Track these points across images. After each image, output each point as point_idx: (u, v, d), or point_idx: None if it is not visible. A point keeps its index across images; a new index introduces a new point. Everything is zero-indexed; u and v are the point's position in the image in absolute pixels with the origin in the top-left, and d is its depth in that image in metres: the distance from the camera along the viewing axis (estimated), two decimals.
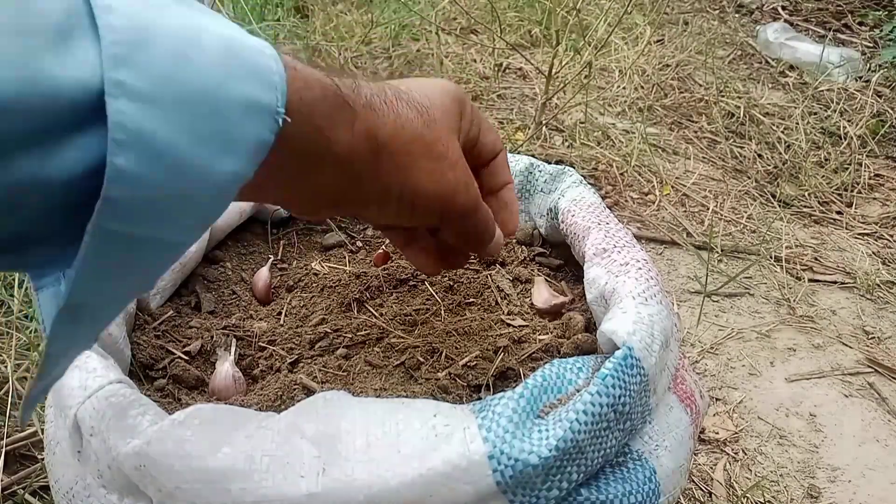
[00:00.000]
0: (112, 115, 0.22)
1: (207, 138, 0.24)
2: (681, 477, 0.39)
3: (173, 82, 0.23)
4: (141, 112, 0.22)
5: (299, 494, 0.30)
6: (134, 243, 0.24)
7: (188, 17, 0.25)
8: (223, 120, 0.25)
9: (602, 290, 0.41)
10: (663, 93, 1.51)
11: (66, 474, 0.36)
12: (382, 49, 1.46)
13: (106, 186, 0.22)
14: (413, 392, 0.39)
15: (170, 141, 0.23)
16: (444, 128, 0.36)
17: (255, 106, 0.26)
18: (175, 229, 0.26)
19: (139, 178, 0.22)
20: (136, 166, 0.22)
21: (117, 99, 0.22)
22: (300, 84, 0.29)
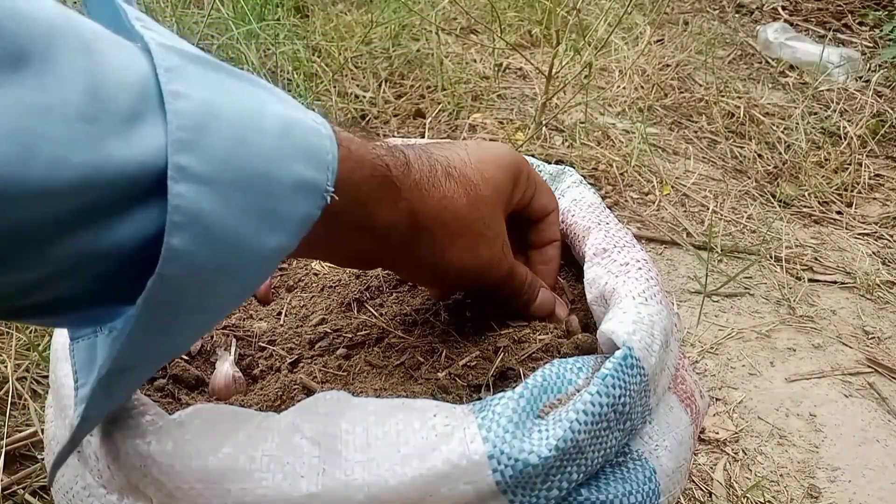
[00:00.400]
0: (172, 199, 0.22)
1: (258, 216, 0.25)
2: (681, 477, 0.39)
3: (232, 166, 0.24)
4: (199, 195, 0.23)
5: (299, 494, 0.30)
6: (180, 313, 0.25)
7: (251, 98, 0.26)
8: (275, 199, 0.25)
9: (602, 290, 0.41)
10: (663, 93, 1.51)
11: (66, 474, 0.36)
12: (382, 49, 1.46)
13: (161, 265, 0.23)
14: (413, 392, 0.39)
15: (223, 221, 0.24)
16: (489, 204, 0.38)
17: (305, 185, 0.26)
18: (220, 299, 0.27)
19: (193, 257, 0.23)
20: (191, 246, 0.23)
21: (178, 183, 0.23)
22: (352, 164, 0.30)
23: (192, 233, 0.23)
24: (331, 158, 0.28)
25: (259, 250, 0.25)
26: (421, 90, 1.38)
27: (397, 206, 0.33)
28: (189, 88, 0.24)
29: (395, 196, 0.33)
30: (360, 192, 0.31)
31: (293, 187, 0.26)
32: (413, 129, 1.28)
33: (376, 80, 1.38)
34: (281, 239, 0.26)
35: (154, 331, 0.25)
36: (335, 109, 1.23)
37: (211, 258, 0.24)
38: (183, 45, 0.25)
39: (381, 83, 1.37)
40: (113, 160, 0.22)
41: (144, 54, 0.24)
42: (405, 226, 0.34)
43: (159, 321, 0.24)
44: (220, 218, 0.24)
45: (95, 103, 0.22)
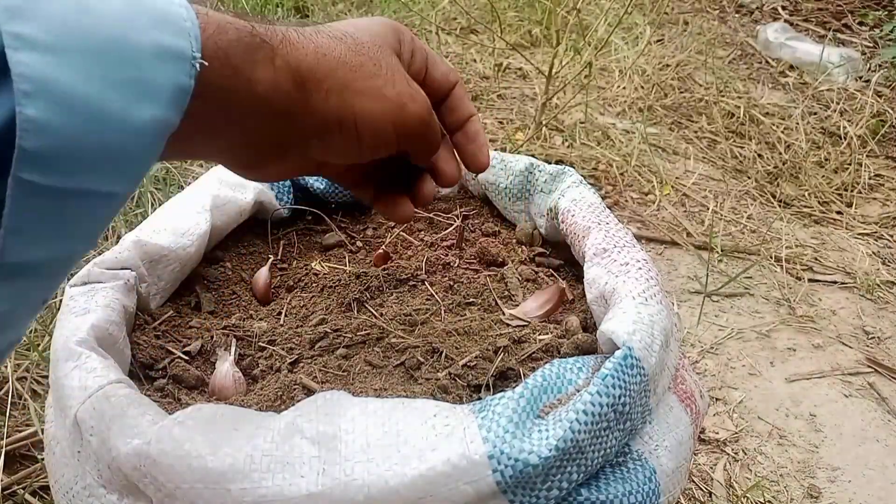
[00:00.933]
0: (14, 67, 0.22)
1: (120, 85, 0.24)
2: (681, 477, 0.39)
3: (75, 31, 0.23)
4: (44, 61, 0.22)
5: (299, 494, 0.30)
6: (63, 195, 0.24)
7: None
8: (135, 67, 0.24)
9: (602, 290, 0.41)
10: (663, 93, 1.51)
11: (66, 474, 0.36)
12: None
13: (19, 136, 0.22)
14: (413, 392, 0.39)
15: (79, 89, 0.23)
16: (372, 49, 0.35)
17: (168, 52, 0.26)
18: (104, 180, 0.25)
19: (53, 127, 0.22)
20: (48, 115, 0.22)
21: (18, 51, 0.22)
22: (213, 29, 0.29)
23: (44, 100, 0.22)
24: (190, 25, 0.27)
25: (131, 122, 0.24)
26: None
27: (274, 65, 0.31)
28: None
29: (269, 54, 0.31)
30: (231, 56, 0.29)
31: (154, 54, 0.25)
32: None
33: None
34: (153, 109, 0.25)
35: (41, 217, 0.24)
36: None
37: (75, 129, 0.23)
38: None
39: None
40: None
41: None
42: (289, 84, 0.32)
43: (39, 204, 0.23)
44: (75, 86, 0.23)
45: None
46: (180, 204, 0.51)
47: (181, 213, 0.50)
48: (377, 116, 0.34)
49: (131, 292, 0.44)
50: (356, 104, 0.34)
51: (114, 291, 0.42)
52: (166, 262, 0.47)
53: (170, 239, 0.47)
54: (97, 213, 0.26)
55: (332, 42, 0.34)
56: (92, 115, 0.23)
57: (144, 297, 0.46)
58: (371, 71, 0.34)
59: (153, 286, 0.46)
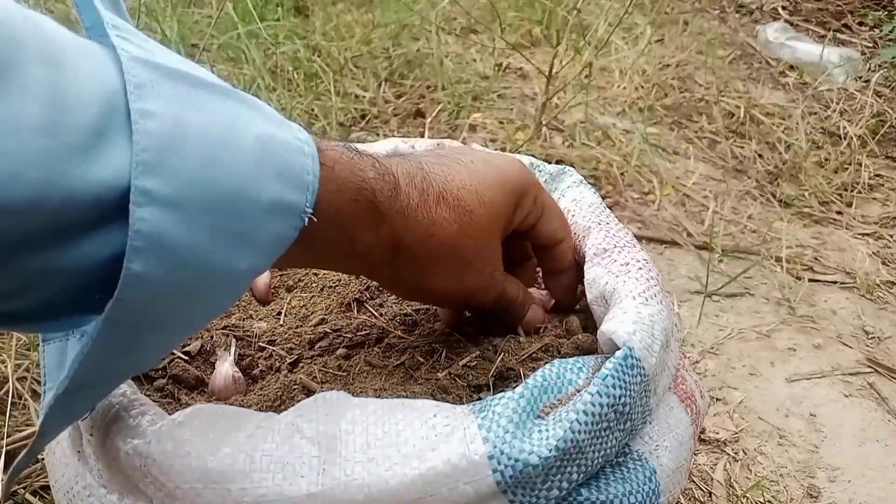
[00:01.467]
0: (134, 223, 0.22)
1: (228, 237, 0.24)
2: (681, 477, 0.39)
3: (200, 187, 0.23)
4: (163, 218, 0.22)
5: (299, 494, 0.30)
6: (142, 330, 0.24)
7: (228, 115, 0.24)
8: (248, 220, 0.24)
9: (602, 291, 0.41)
10: (663, 93, 1.51)
11: (66, 474, 0.36)
12: (382, 49, 1.46)
13: (120, 289, 0.22)
14: (413, 392, 0.39)
15: (189, 244, 0.23)
16: (482, 231, 0.36)
17: (282, 206, 0.25)
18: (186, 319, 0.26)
19: (154, 281, 0.22)
20: (152, 270, 0.22)
21: (140, 207, 0.22)
22: (333, 186, 0.29)
23: (153, 257, 0.22)
24: (311, 179, 0.27)
25: (229, 272, 0.25)
26: (421, 90, 1.38)
27: (379, 232, 0.32)
28: (158, 106, 0.22)
29: (378, 222, 0.32)
30: (341, 216, 0.30)
31: (268, 208, 0.25)
32: (413, 128, 1.28)
33: (376, 79, 1.38)
34: (252, 260, 0.25)
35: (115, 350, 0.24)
36: (335, 109, 1.23)
37: (175, 281, 0.23)
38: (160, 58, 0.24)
39: (381, 83, 1.37)
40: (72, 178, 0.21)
41: (116, 67, 0.23)
42: (387, 250, 0.33)
43: (120, 341, 0.24)
44: (186, 241, 0.23)
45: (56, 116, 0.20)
46: None
47: None
48: (446, 294, 0.37)
49: None
50: (435, 282, 0.36)
51: None
52: None
53: None
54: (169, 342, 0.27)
55: (448, 220, 0.34)
56: (195, 268, 0.23)
57: None
58: (467, 259, 0.36)
59: None
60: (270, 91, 1.22)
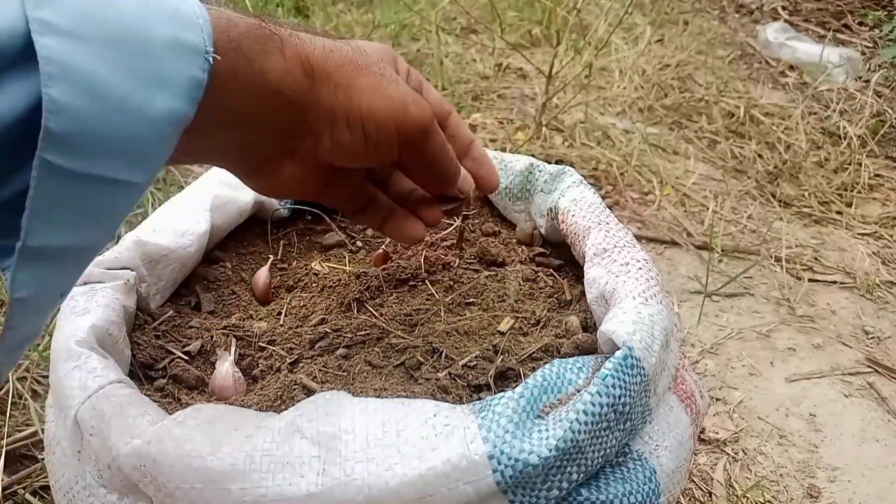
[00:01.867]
0: (41, 50, 0.23)
1: (139, 76, 0.25)
2: (681, 477, 0.39)
3: (97, 21, 0.24)
4: (68, 47, 0.23)
5: (299, 494, 0.30)
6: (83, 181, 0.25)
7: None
8: (152, 59, 0.26)
9: (602, 290, 0.41)
10: (663, 93, 1.51)
11: (66, 474, 0.36)
12: None
13: (45, 117, 0.23)
14: (413, 392, 0.39)
15: (99, 76, 0.24)
16: (374, 57, 0.36)
17: (183, 46, 0.27)
18: (122, 167, 0.26)
19: (75, 109, 0.23)
20: (71, 97, 0.23)
21: (43, 35, 0.23)
22: (224, 23, 0.30)
23: (68, 83, 0.23)
24: (202, 22, 0.28)
25: (148, 112, 0.25)
26: None
27: (285, 54, 0.32)
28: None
29: (278, 45, 0.32)
30: (243, 48, 0.31)
31: (170, 48, 0.26)
32: None
33: None
34: (169, 101, 0.26)
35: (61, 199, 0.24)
36: None
37: (95, 113, 0.24)
38: None
39: None
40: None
41: None
42: (299, 74, 0.33)
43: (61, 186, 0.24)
44: (95, 72, 0.24)
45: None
46: (180, 204, 0.51)
47: (181, 213, 0.50)
48: (382, 113, 0.35)
49: (131, 292, 0.44)
50: (363, 99, 0.34)
51: (114, 291, 0.42)
52: (166, 262, 0.47)
53: (170, 239, 0.47)
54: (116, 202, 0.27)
55: (338, 43, 0.35)
56: (112, 101, 0.24)
57: (144, 297, 0.46)
58: (376, 72, 0.35)
59: (153, 286, 0.46)
60: None
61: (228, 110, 0.31)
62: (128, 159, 0.26)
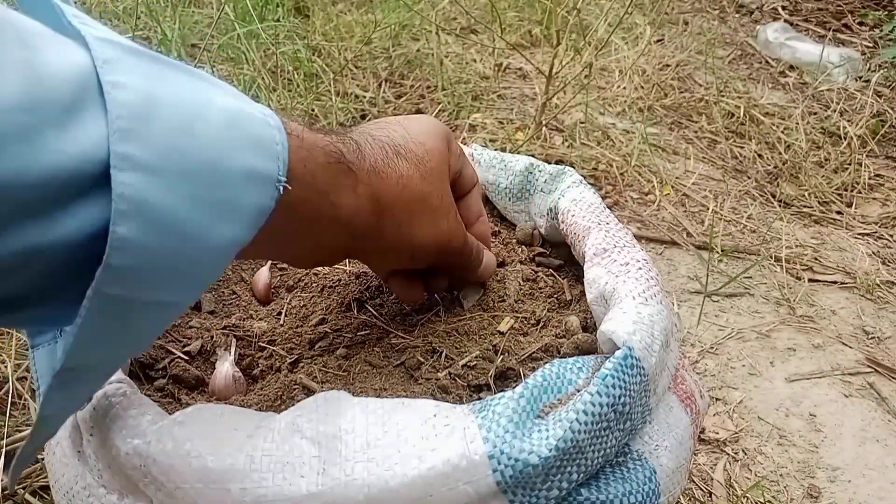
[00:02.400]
0: (116, 187, 0.22)
1: (209, 206, 0.25)
2: (681, 477, 0.39)
3: (177, 154, 0.24)
4: (145, 183, 0.23)
5: (299, 494, 0.30)
6: (132, 306, 0.25)
7: (195, 89, 0.26)
8: (225, 189, 0.25)
9: (602, 290, 0.41)
10: (663, 93, 1.51)
11: (66, 474, 0.36)
12: (382, 49, 1.46)
13: (108, 254, 0.22)
14: (413, 392, 0.39)
15: (172, 210, 0.24)
16: (439, 176, 0.38)
17: (256, 175, 0.26)
18: (173, 291, 0.26)
19: (141, 246, 0.23)
20: (139, 235, 0.23)
21: (122, 171, 0.22)
22: (303, 153, 0.30)
23: (139, 221, 0.23)
24: (280, 149, 0.28)
25: (211, 241, 0.25)
26: (421, 90, 1.38)
27: (357, 192, 0.33)
28: (128, 78, 0.23)
29: (354, 182, 0.33)
30: (317, 181, 0.31)
31: (243, 177, 0.26)
32: None
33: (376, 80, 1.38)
34: (235, 230, 0.26)
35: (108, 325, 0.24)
36: (335, 109, 1.23)
37: (161, 248, 0.24)
38: (121, 39, 0.25)
39: (381, 83, 1.37)
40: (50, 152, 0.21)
41: (83, 48, 0.24)
42: (368, 211, 0.34)
43: (112, 314, 0.24)
44: (168, 207, 0.23)
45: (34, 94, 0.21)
46: None
47: None
48: (429, 244, 0.38)
49: None
50: (417, 235, 0.37)
51: None
52: None
53: None
54: (160, 320, 0.28)
55: (410, 171, 0.36)
56: (178, 234, 0.24)
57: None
58: (434, 204, 0.38)
59: None
60: (270, 91, 1.22)
61: (291, 232, 0.32)
62: (182, 284, 0.26)
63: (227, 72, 1.23)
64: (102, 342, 0.25)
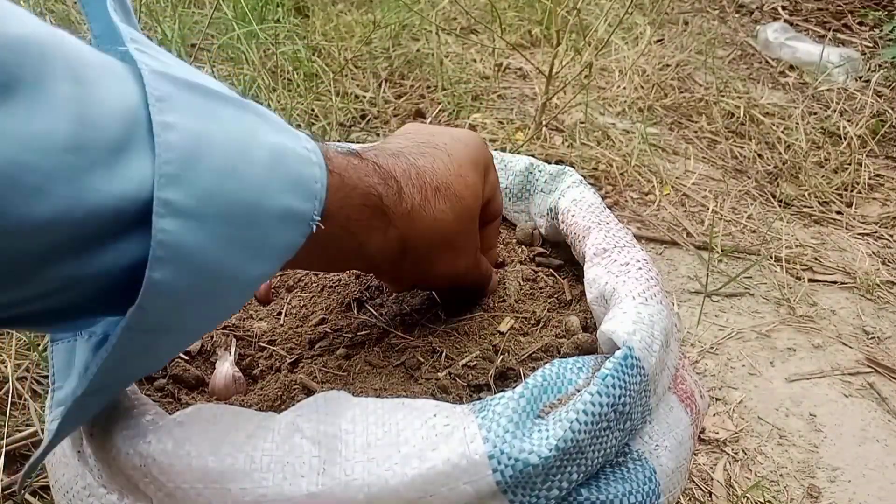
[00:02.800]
0: (156, 234, 0.22)
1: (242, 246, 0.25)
2: (681, 477, 0.39)
3: (219, 198, 0.24)
4: (184, 228, 0.23)
5: (299, 494, 0.30)
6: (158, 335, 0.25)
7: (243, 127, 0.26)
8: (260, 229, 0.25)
9: (602, 290, 0.41)
10: (663, 93, 1.51)
11: (66, 474, 0.36)
12: (382, 49, 1.46)
13: (142, 297, 0.23)
14: (413, 392, 0.39)
15: (207, 254, 0.24)
16: (471, 215, 0.39)
17: (292, 215, 0.27)
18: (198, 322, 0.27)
19: (173, 289, 0.23)
20: (172, 279, 0.23)
21: (163, 218, 0.22)
22: (342, 193, 0.30)
23: (174, 266, 0.23)
24: (319, 187, 0.28)
25: (241, 279, 0.25)
26: (421, 90, 1.38)
27: (387, 235, 0.34)
28: (179, 119, 0.23)
29: (386, 225, 0.33)
30: (350, 221, 0.31)
31: (279, 217, 0.26)
32: None
33: (376, 80, 1.38)
34: (263, 267, 0.26)
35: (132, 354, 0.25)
36: (335, 109, 1.23)
37: (191, 288, 0.24)
38: (177, 70, 0.25)
39: (381, 83, 1.37)
40: (95, 192, 0.21)
41: (136, 80, 0.24)
42: (394, 251, 0.35)
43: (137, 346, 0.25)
44: (204, 250, 0.23)
45: (81, 133, 0.21)
46: None
47: None
48: (442, 278, 0.39)
49: None
50: (434, 270, 0.38)
51: None
52: None
53: None
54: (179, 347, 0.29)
55: (445, 212, 0.36)
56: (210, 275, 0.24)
57: None
58: (459, 244, 0.38)
59: None
60: (270, 91, 1.22)
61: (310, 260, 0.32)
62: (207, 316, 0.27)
63: (227, 72, 1.23)
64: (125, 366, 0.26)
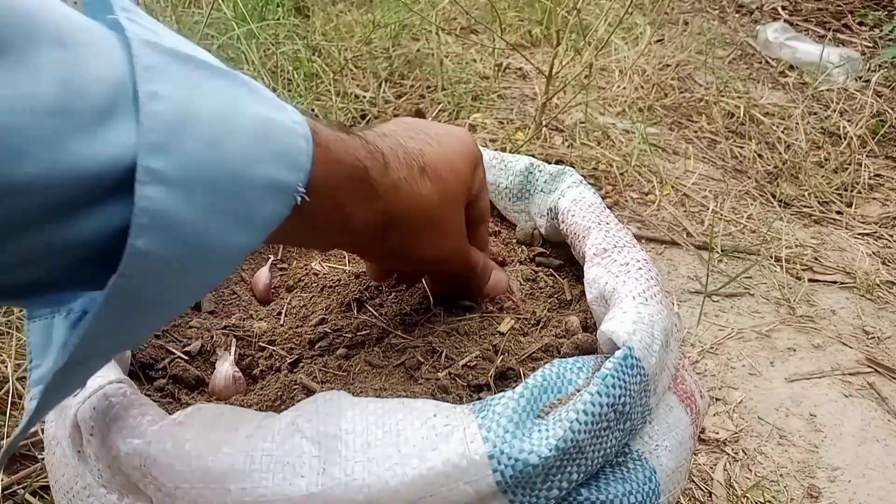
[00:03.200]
0: (139, 201, 0.22)
1: (225, 216, 0.25)
2: (681, 477, 0.39)
3: (204, 168, 0.24)
4: (167, 196, 0.23)
5: (299, 494, 0.30)
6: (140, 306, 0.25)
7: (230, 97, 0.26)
8: (244, 200, 0.25)
9: (602, 290, 0.41)
10: (663, 93, 1.51)
11: (66, 474, 0.36)
12: (382, 49, 1.46)
13: (123, 264, 0.22)
14: (413, 392, 0.39)
15: (190, 221, 0.24)
16: (456, 199, 0.39)
17: (277, 186, 0.26)
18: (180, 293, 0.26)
19: (156, 257, 0.23)
20: (155, 246, 0.23)
21: (146, 185, 0.22)
22: (328, 166, 0.30)
23: (156, 234, 0.23)
24: (305, 160, 0.28)
25: (224, 248, 0.25)
26: (421, 90, 1.38)
27: (373, 207, 0.34)
28: (166, 88, 0.23)
29: (372, 197, 0.33)
30: (337, 193, 0.31)
31: (264, 188, 0.26)
32: None
33: (376, 80, 1.38)
34: (248, 237, 0.26)
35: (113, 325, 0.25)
36: (335, 109, 1.23)
37: (174, 258, 0.24)
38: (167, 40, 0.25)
39: (381, 83, 1.37)
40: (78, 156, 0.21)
41: (124, 48, 0.23)
42: (378, 225, 0.35)
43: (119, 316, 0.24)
44: (187, 219, 0.23)
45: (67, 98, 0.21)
46: None
47: None
48: (427, 260, 0.39)
49: None
50: (419, 251, 0.38)
51: None
52: None
53: None
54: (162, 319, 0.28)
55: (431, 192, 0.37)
56: (193, 244, 0.24)
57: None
58: (444, 227, 0.38)
59: None
60: (270, 91, 1.22)
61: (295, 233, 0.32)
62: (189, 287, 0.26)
63: None
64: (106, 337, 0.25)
